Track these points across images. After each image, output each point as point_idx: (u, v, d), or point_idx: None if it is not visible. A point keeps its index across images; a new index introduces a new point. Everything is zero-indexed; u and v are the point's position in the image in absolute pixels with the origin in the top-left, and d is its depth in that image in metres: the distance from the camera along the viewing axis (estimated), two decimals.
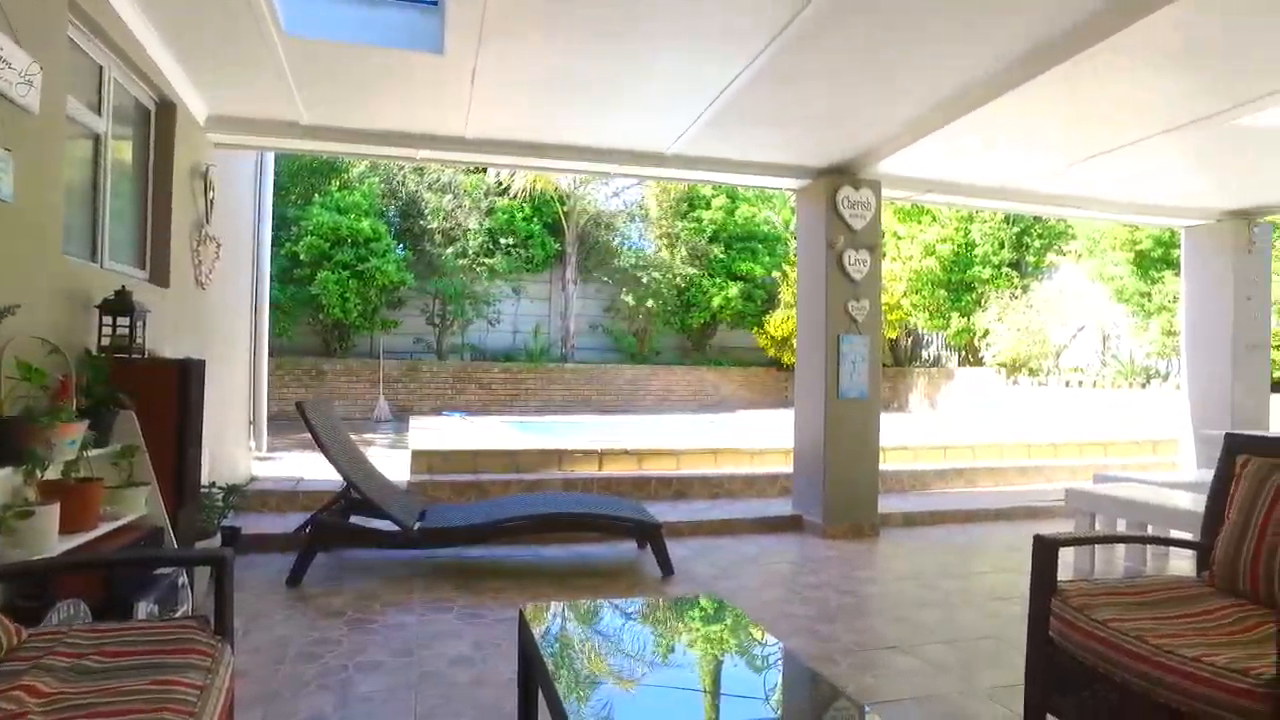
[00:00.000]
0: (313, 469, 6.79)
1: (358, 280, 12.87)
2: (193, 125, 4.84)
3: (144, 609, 2.67)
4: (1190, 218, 7.31)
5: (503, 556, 5.12)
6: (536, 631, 2.39)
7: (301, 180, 13.73)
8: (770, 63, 4.08)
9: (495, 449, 6.80)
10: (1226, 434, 2.87)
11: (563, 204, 15.59)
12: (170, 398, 3.45)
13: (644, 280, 15.64)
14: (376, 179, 14.31)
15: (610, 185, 16.27)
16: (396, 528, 4.57)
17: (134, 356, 3.45)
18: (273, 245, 9.77)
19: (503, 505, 5.00)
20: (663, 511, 6.03)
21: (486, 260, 14.45)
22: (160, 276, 4.45)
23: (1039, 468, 8.15)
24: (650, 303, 15.62)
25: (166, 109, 4.50)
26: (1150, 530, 4.69)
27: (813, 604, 4.23)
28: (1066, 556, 5.15)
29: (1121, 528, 4.99)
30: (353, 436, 5.43)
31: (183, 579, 3.15)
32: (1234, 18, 3.48)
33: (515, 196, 15.12)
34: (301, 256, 12.75)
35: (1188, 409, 7.58)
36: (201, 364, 3.75)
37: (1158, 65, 3.98)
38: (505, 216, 14.98)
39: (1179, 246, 7.86)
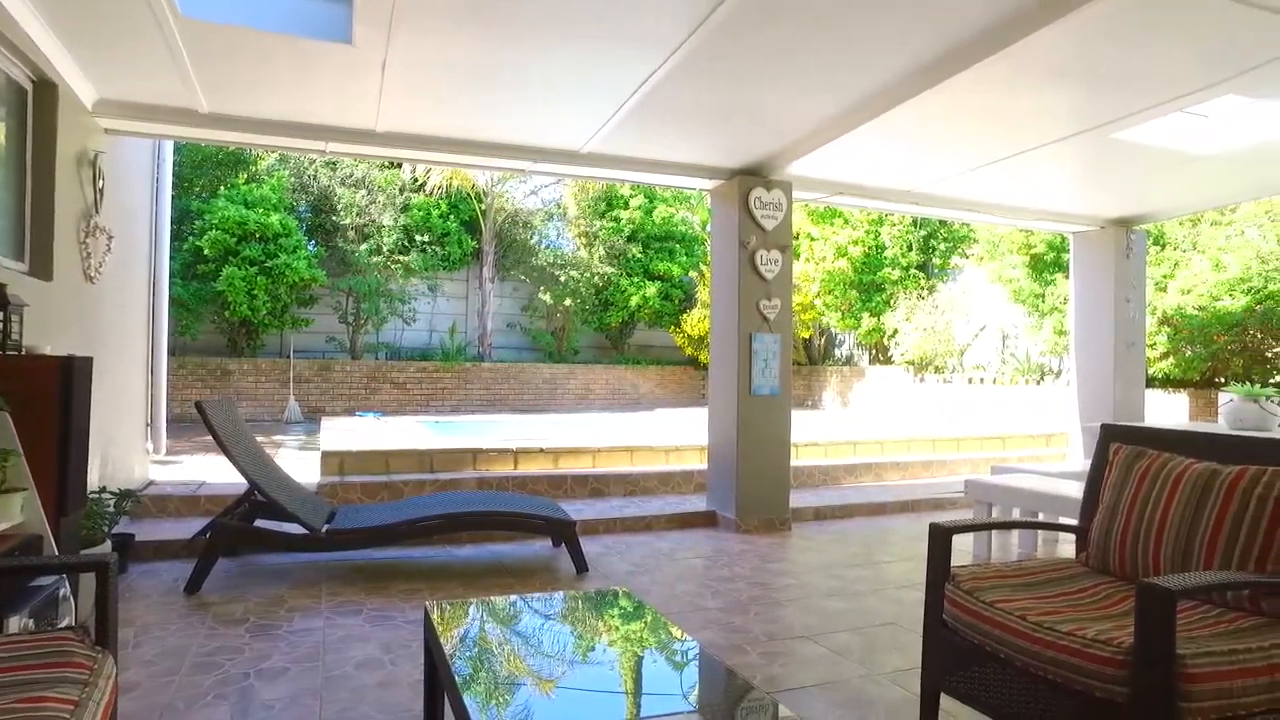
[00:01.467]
0: (216, 472, 6.54)
1: (266, 277, 12.42)
2: (78, 108, 4.58)
3: (16, 623, 2.52)
4: (1077, 224, 7.74)
5: (415, 557, 5.04)
6: (440, 629, 2.37)
7: (205, 172, 13.17)
8: (683, 62, 4.13)
9: (409, 449, 6.68)
10: (1102, 425, 3.06)
11: (480, 201, 15.42)
12: (52, 398, 3.25)
13: (562, 279, 15.61)
14: (286, 172, 13.85)
15: (528, 183, 16.19)
16: (304, 530, 4.44)
17: (9, 354, 3.26)
18: (174, 239, 9.39)
19: (415, 505, 4.91)
20: (579, 510, 6.04)
21: (402, 258, 14.17)
22: (42, 269, 4.20)
23: (943, 461, 8.49)
24: (568, 301, 15.60)
25: (46, 89, 4.23)
26: (1041, 517, 4.95)
27: (725, 597, 4.30)
28: (966, 545, 5.41)
29: (1016, 516, 5.25)
30: (261, 438, 5.26)
31: (64, 590, 2.97)
32: (1111, 38, 3.72)
33: (431, 193, 14.87)
34: (206, 251, 12.22)
35: (1076, 403, 8.02)
36: (88, 362, 3.56)
37: (1048, 79, 4.21)
38: (421, 213, 14.71)
39: (1069, 251, 8.30)
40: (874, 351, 15.30)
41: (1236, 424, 4.41)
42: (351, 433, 8.54)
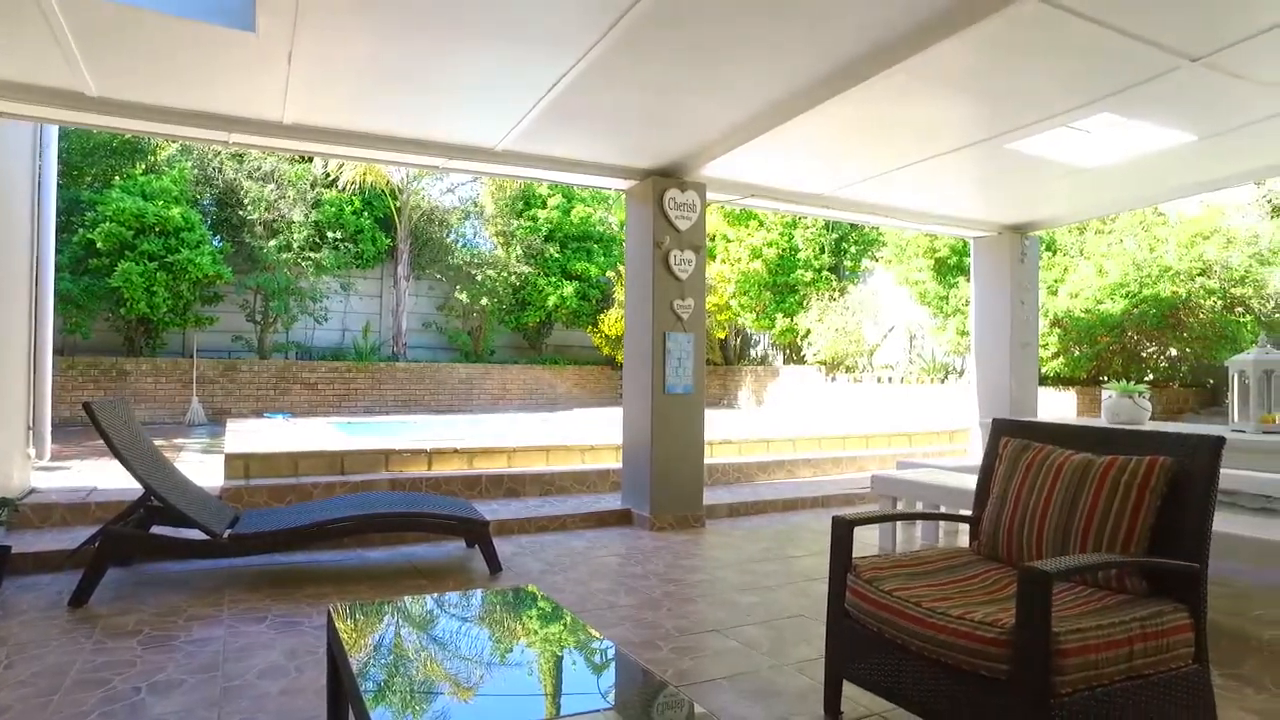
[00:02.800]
0: (109, 477, 6.23)
1: (167, 273, 11.86)
2: None
3: None
4: (977, 230, 8.10)
5: (324, 561, 4.92)
6: (343, 632, 2.33)
7: (98, 160, 12.47)
8: (598, 62, 4.14)
9: (319, 451, 6.50)
10: (993, 420, 3.23)
11: (395, 198, 15.12)
12: None
13: (479, 278, 15.44)
14: (189, 164, 13.26)
15: (445, 181, 15.96)
16: (205, 536, 4.27)
17: None
18: (61, 231, 8.87)
19: (324, 507, 4.79)
20: (494, 510, 6.00)
21: (313, 255, 13.75)
22: None
23: (853, 458, 8.76)
24: (485, 301, 15.45)
25: None
26: (944, 509, 5.17)
27: (638, 593, 4.34)
28: (873, 539, 5.60)
29: (920, 509, 5.47)
30: (160, 442, 5.04)
31: None
32: (1000, 56, 3.92)
33: (344, 189, 14.48)
34: (99, 245, 11.55)
35: (976, 401, 8.39)
36: None
37: (945, 91, 4.40)
38: (333, 209, 14.30)
39: (970, 255, 8.67)
40: (788, 351, 15.66)
41: (1114, 418, 4.71)
42: (259, 435, 8.25)
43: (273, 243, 13.41)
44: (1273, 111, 4.67)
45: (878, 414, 12.08)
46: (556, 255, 16.17)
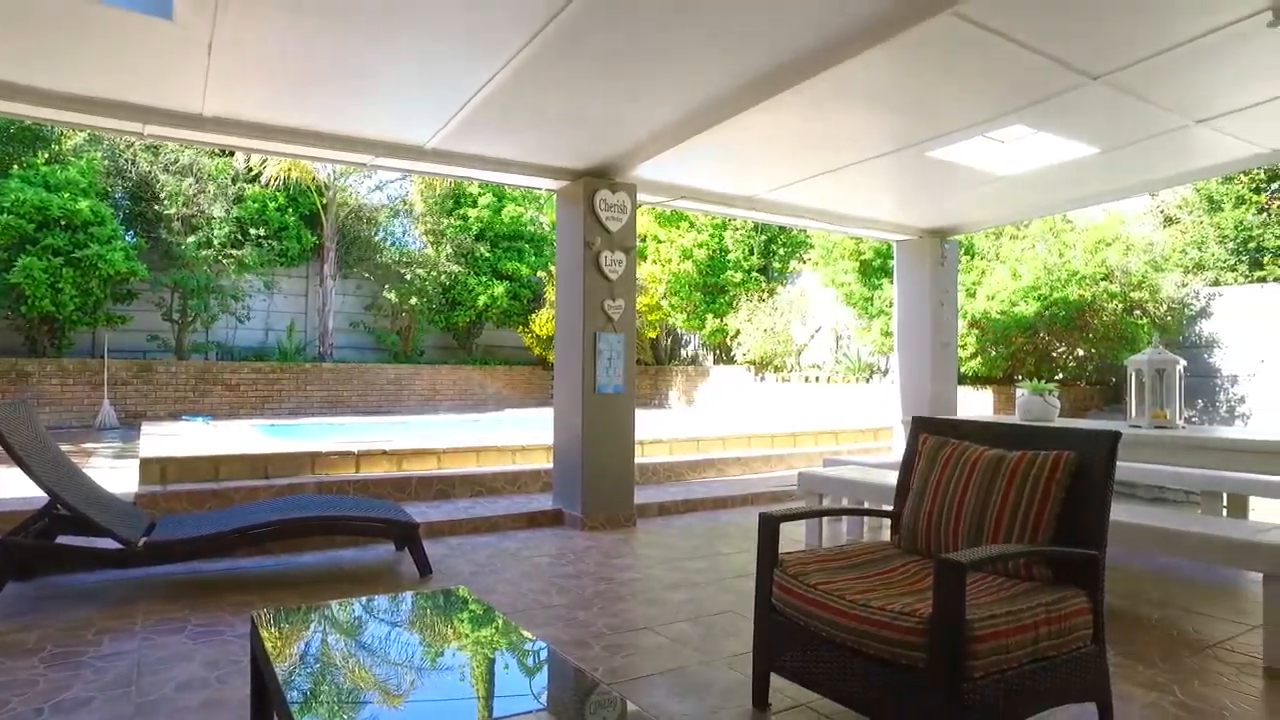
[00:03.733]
0: (8, 486, 5.91)
1: (74, 269, 11.30)
2: None
3: None
4: (900, 233, 8.37)
5: (248, 568, 4.78)
6: (267, 639, 2.28)
7: None
8: (530, 62, 4.14)
9: (241, 454, 6.31)
10: (913, 417, 3.35)
11: (321, 195, 14.75)
12: None
13: (408, 277, 15.19)
14: (99, 154, 12.66)
15: (373, 178, 15.65)
16: (118, 545, 4.10)
17: None
18: None
19: (247, 512, 4.66)
20: (424, 512, 5.93)
21: (234, 252, 13.30)
22: None
23: (781, 456, 8.93)
24: (414, 300, 15.20)
25: None
26: (866, 505, 5.33)
27: (570, 593, 4.36)
28: (800, 535, 5.72)
29: (845, 505, 5.62)
30: (67, 447, 4.81)
31: None
32: (918, 68, 4.07)
33: (268, 184, 14.04)
34: None
35: (899, 399, 8.66)
36: None
37: (867, 100, 4.54)
38: (256, 205, 13.86)
39: (894, 258, 8.94)
40: (718, 351, 15.86)
41: (1026, 415, 4.94)
42: (177, 438, 7.94)
43: (191, 239, 12.92)
44: (1162, 129, 4.97)
45: (805, 413, 12.34)
46: (487, 255, 16.02)
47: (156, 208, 12.95)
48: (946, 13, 3.39)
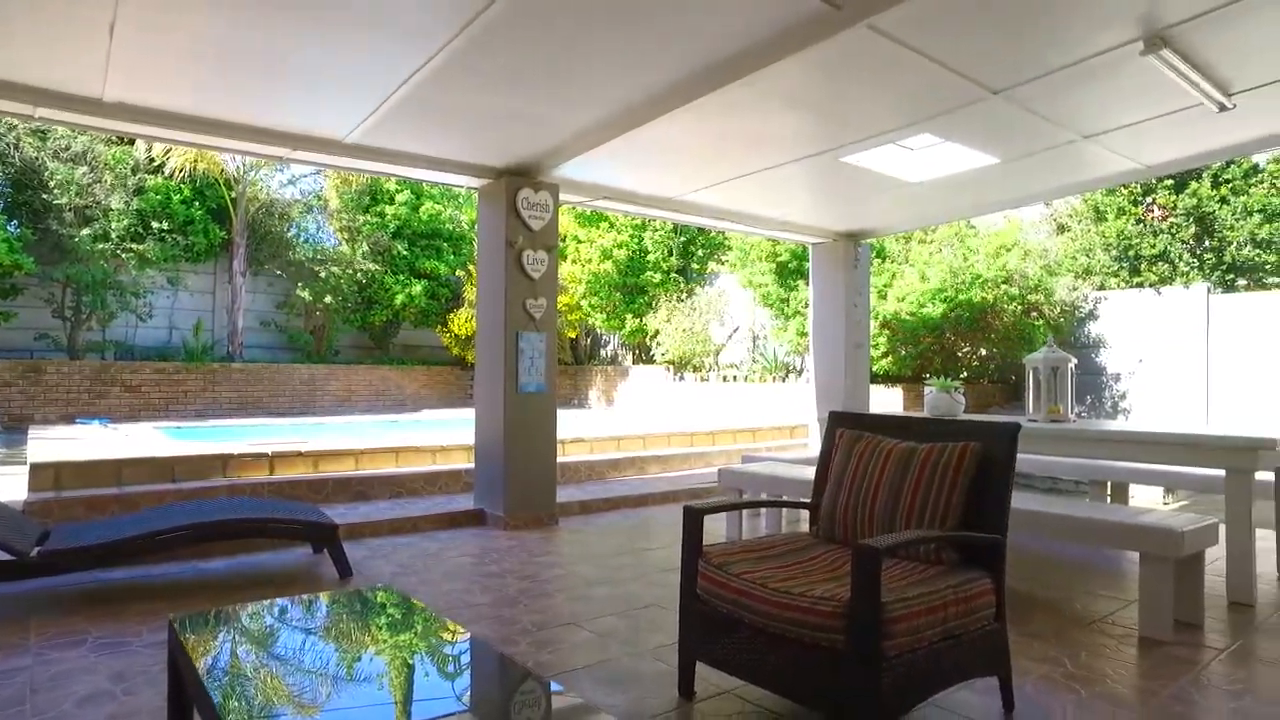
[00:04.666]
0: None
1: None
2: None
3: None
4: (815, 236, 8.63)
5: (155, 575, 4.59)
6: (190, 643, 2.23)
7: None
8: (455, 57, 4.11)
9: (146, 457, 6.04)
10: (830, 412, 3.50)
11: (230, 188, 14.17)
12: None
13: (323, 275, 14.75)
14: None
15: (286, 172, 15.14)
16: (7, 555, 3.88)
17: None
18: None
19: (153, 517, 4.48)
20: (342, 514, 5.81)
21: (135, 246, 12.65)
22: None
23: (701, 454, 9.09)
24: (329, 299, 14.79)
25: None
26: (785, 498, 5.48)
27: (494, 592, 4.36)
28: (720, 529, 5.85)
29: (764, 499, 5.77)
30: None
31: None
32: (832, 77, 4.24)
33: (172, 176, 13.39)
34: None
35: (814, 397, 8.92)
36: None
37: (786, 104, 4.69)
38: (159, 197, 13.23)
39: (809, 260, 9.21)
40: (637, 351, 15.98)
41: (933, 411, 5.18)
42: (72, 442, 7.54)
43: (86, 231, 12.24)
44: (1055, 142, 5.31)
45: (724, 412, 12.56)
46: (405, 253, 15.71)
47: (45, 197, 12.21)
48: (861, 25, 3.54)
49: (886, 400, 10.95)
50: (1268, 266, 11.12)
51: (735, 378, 13.35)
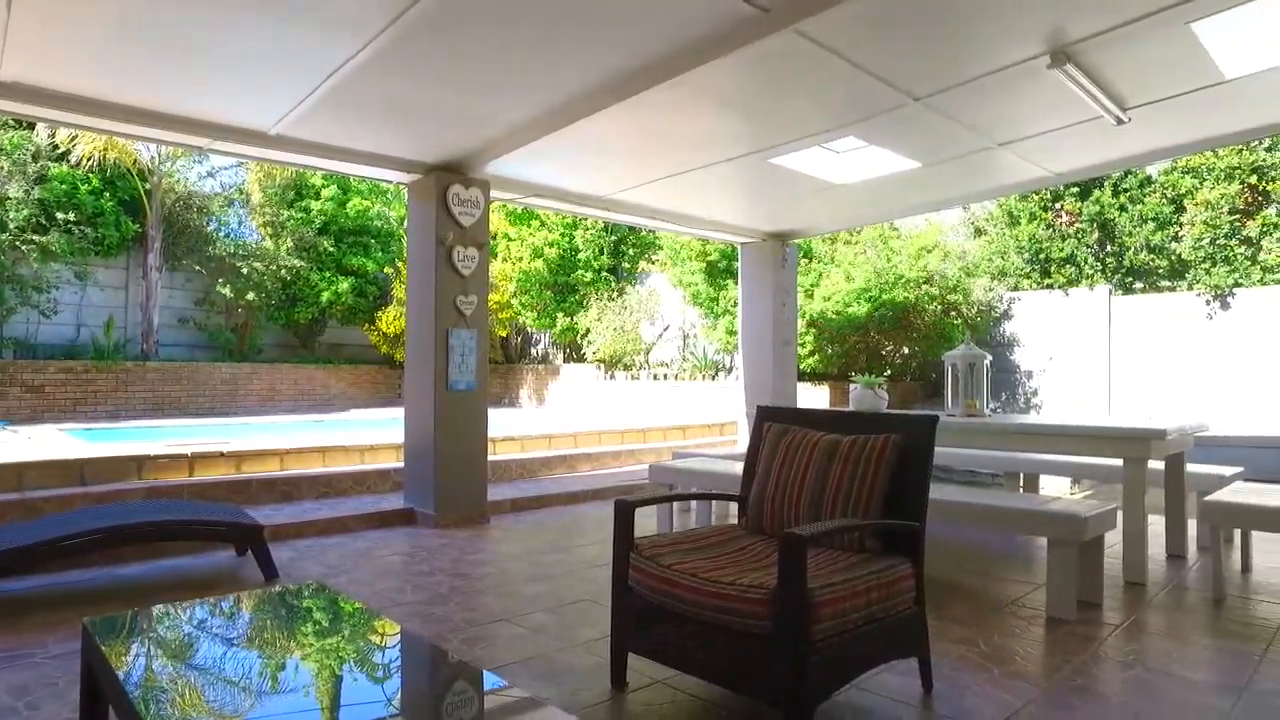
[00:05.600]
0: None
1: None
2: None
3: None
4: (744, 236, 8.79)
5: (65, 583, 4.39)
6: (107, 647, 2.16)
7: None
8: (386, 49, 4.04)
9: (51, 459, 5.77)
10: (758, 406, 3.59)
11: (144, 179, 13.57)
12: None
13: (245, 271, 14.27)
14: None
15: (205, 163, 14.58)
16: None
17: None
18: None
19: (60, 522, 4.28)
20: (267, 515, 5.67)
21: (37, 238, 12.00)
22: None
23: (632, 451, 9.15)
24: (251, 296, 14.33)
25: None
26: (714, 492, 5.58)
27: (425, 590, 4.32)
28: (651, 524, 5.92)
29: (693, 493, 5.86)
30: None
31: None
32: (762, 80, 4.33)
33: (80, 164, 12.74)
34: None
35: (743, 394, 9.09)
36: None
37: (718, 105, 4.77)
38: (65, 187, 12.57)
39: (738, 259, 9.37)
40: (568, 350, 15.97)
41: (858, 407, 5.36)
42: None
43: None
44: (972, 149, 5.54)
45: (654, 410, 12.67)
46: (331, 249, 15.33)
47: None
48: (789, 29, 3.64)
49: (814, 397, 11.22)
50: (1160, 270, 11.80)
51: (666, 376, 13.47)
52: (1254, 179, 11.08)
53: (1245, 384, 10.38)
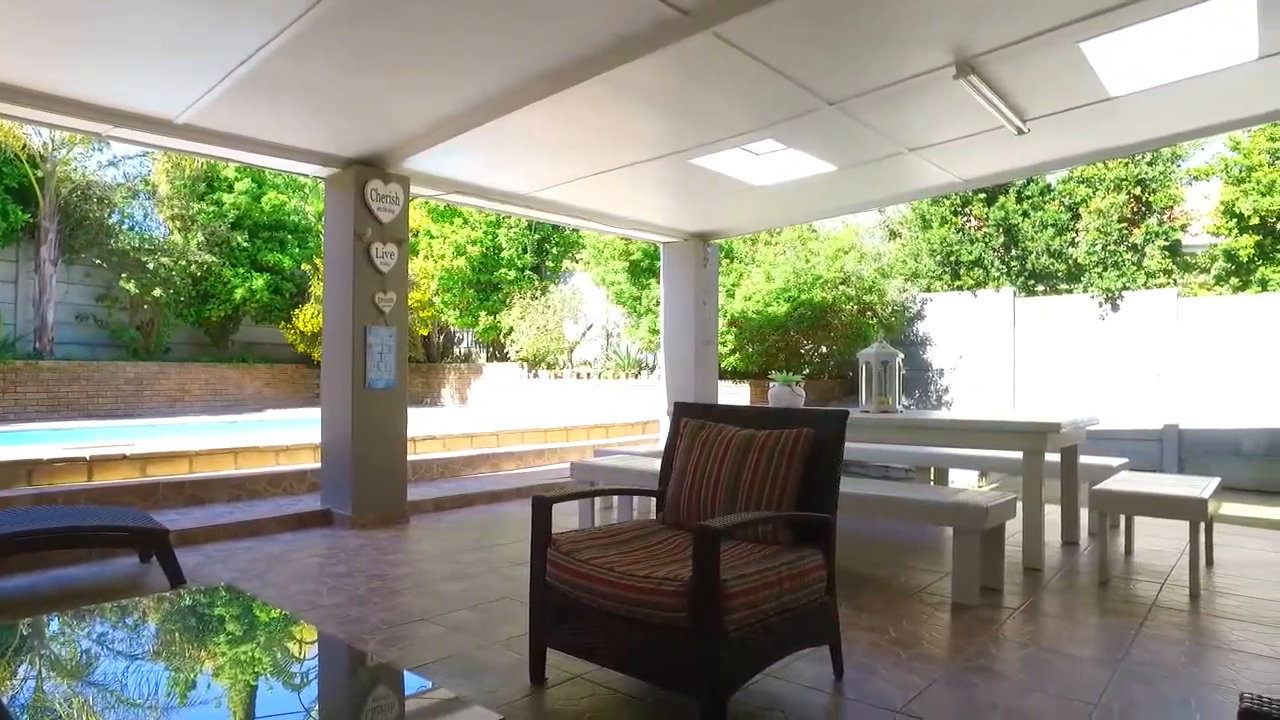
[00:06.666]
0: None
1: None
2: None
3: None
4: (666, 236, 8.88)
5: None
6: None
7: None
8: (303, 36, 3.93)
9: None
10: (675, 402, 3.65)
11: (36, 167, 12.83)
12: None
13: (151, 266, 13.65)
14: None
15: (106, 151, 13.87)
16: None
17: None
18: None
19: None
20: (174, 519, 5.46)
21: None
22: None
23: (554, 450, 9.15)
24: (159, 292, 13.71)
25: None
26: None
27: (342, 591, 4.25)
28: (572, 522, 5.93)
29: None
30: None
31: None
32: (688, 78, 4.39)
33: None
34: None
35: (665, 393, 9.18)
36: None
37: (641, 104, 4.81)
38: None
39: (660, 259, 9.45)
40: (491, 349, 15.83)
41: (776, 404, 5.49)
42: None
43: None
44: (884, 154, 5.74)
45: (578, 408, 12.67)
46: (245, 244, 14.80)
47: None
48: (708, 31, 3.72)
49: (735, 396, 11.41)
50: (1059, 274, 12.44)
51: (589, 375, 13.49)
52: (1138, 190, 11.81)
53: (1131, 380, 11.04)
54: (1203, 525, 4.32)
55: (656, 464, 5.71)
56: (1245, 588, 4.28)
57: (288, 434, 8.01)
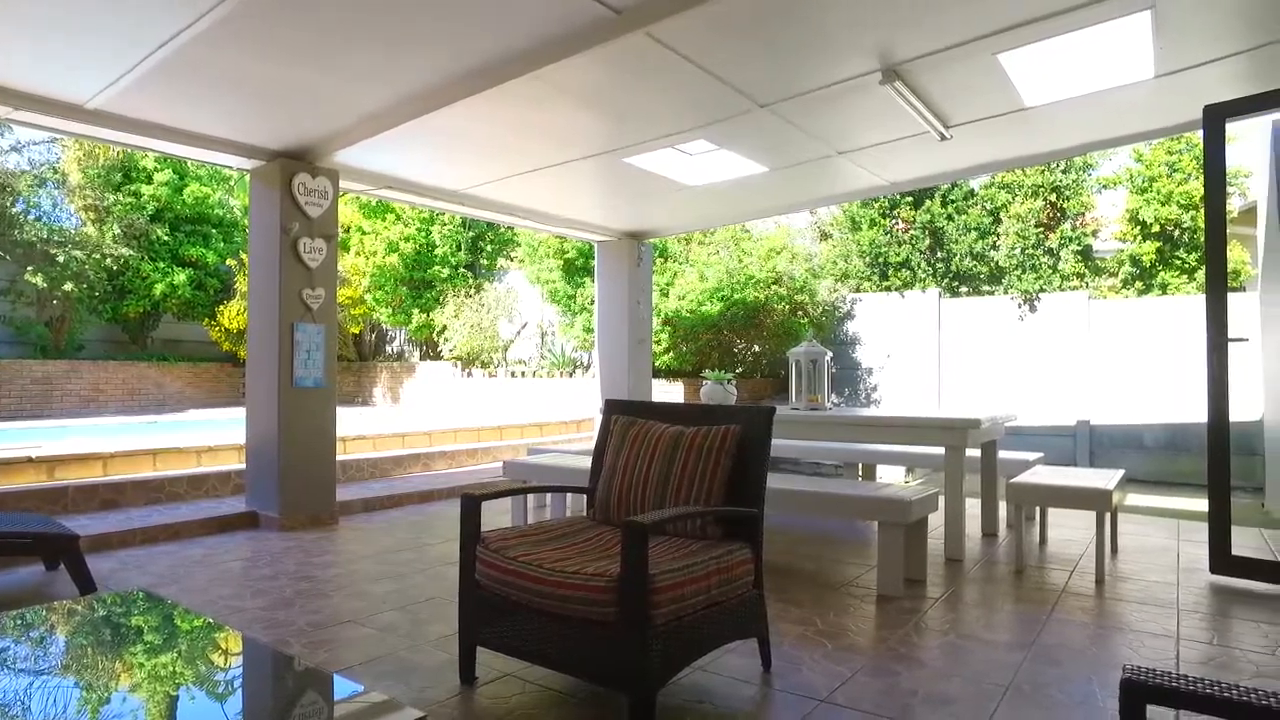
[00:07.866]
0: None
1: None
2: None
3: None
4: (600, 234, 8.89)
5: None
6: None
7: None
8: (227, 21, 3.78)
9: None
10: (606, 400, 3.67)
11: None
12: None
13: (61, 259, 13.00)
14: None
15: (8, 136, 13.15)
16: None
17: None
18: None
19: None
20: (85, 525, 5.24)
21: None
22: None
23: (488, 449, 9.08)
24: (70, 286, 13.07)
25: None
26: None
27: (267, 595, 4.14)
28: (505, 520, 5.91)
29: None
30: None
31: None
32: (622, 76, 4.42)
33: None
34: None
35: (600, 392, 9.20)
36: None
37: (576, 102, 4.81)
38: None
39: (595, 258, 9.46)
40: (424, 347, 15.61)
41: (709, 401, 5.57)
42: None
43: None
44: (814, 156, 5.87)
45: (512, 407, 12.60)
46: (166, 238, 14.21)
47: None
48: (640, 31, 3.74)
49: (669, 394, 11.50)
50: (982, 276, 12.89)
51: (524, 373, 13.42)
52: (1053, 197, 12.34)
53: (1047, 378, 11.52)
54: (1108, 516, 4.55)
55: (588, 462, 5.72)
56: (1145, 573, 4.53)
57: (211, 434, 7.76)
